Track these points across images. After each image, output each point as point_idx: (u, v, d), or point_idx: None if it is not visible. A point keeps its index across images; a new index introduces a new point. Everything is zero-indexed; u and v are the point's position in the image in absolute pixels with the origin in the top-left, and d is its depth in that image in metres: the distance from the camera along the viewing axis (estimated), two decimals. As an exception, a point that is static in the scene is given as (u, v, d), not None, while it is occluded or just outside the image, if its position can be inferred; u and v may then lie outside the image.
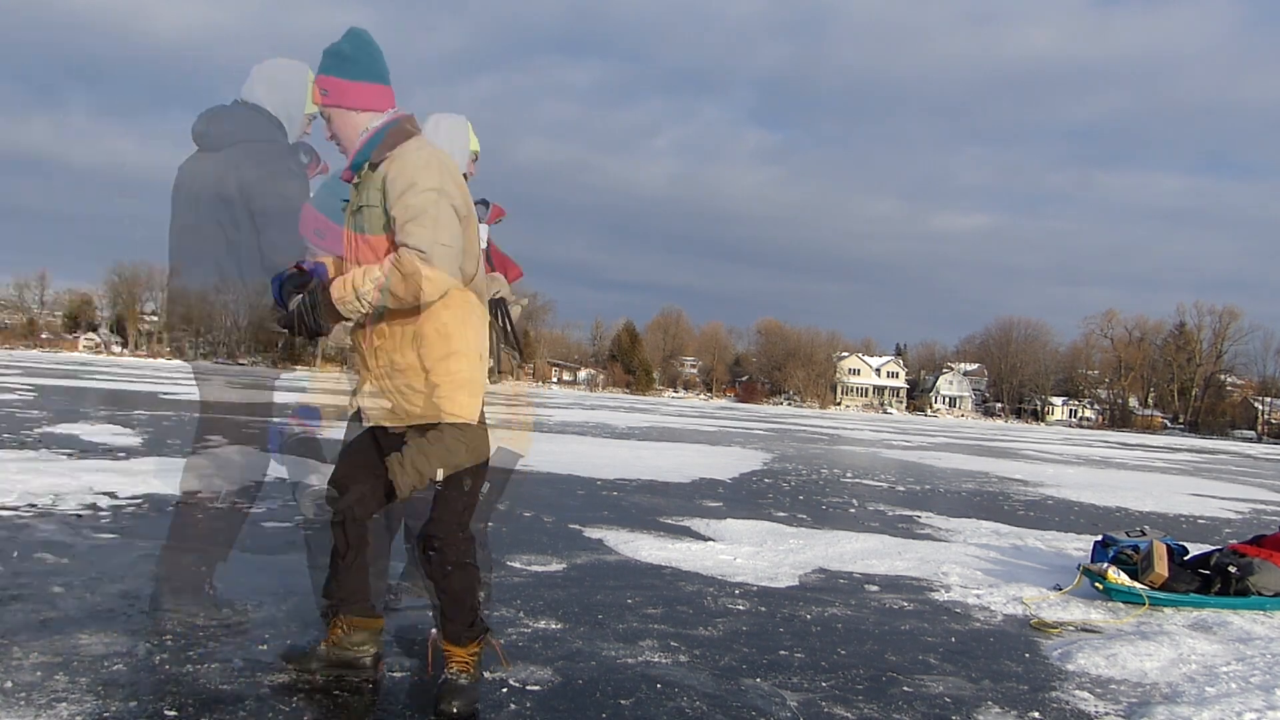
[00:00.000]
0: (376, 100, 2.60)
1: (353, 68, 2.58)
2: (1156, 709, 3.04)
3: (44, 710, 2.35)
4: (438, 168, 2.50)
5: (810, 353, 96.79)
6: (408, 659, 2.97)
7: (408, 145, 2.55)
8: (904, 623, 4.03)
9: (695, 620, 3.76)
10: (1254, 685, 3.34)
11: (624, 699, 2.78)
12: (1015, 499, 10.09)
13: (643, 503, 7.23)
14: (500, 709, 2.61)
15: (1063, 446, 29.69)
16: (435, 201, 2.45)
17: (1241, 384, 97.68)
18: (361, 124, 2.59)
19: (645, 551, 5.14)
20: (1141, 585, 4.58)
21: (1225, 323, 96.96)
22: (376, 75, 2.61)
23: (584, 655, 3.17)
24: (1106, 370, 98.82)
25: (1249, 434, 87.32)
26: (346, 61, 2.58)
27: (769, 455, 14.10)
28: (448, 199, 2.48)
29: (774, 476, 10.57)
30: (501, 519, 5.93)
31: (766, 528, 6.35)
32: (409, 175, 2.47)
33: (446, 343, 2.55)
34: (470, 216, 2.57)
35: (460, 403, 2.56)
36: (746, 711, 2.77)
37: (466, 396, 2.57)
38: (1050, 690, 3.21)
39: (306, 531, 4.95)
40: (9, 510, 4.95)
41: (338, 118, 2.61)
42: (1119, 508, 9.92)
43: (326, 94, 2.60)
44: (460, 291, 2.55)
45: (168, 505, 5.52)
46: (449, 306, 2.54)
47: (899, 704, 2.95)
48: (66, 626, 3.02)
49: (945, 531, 6.90)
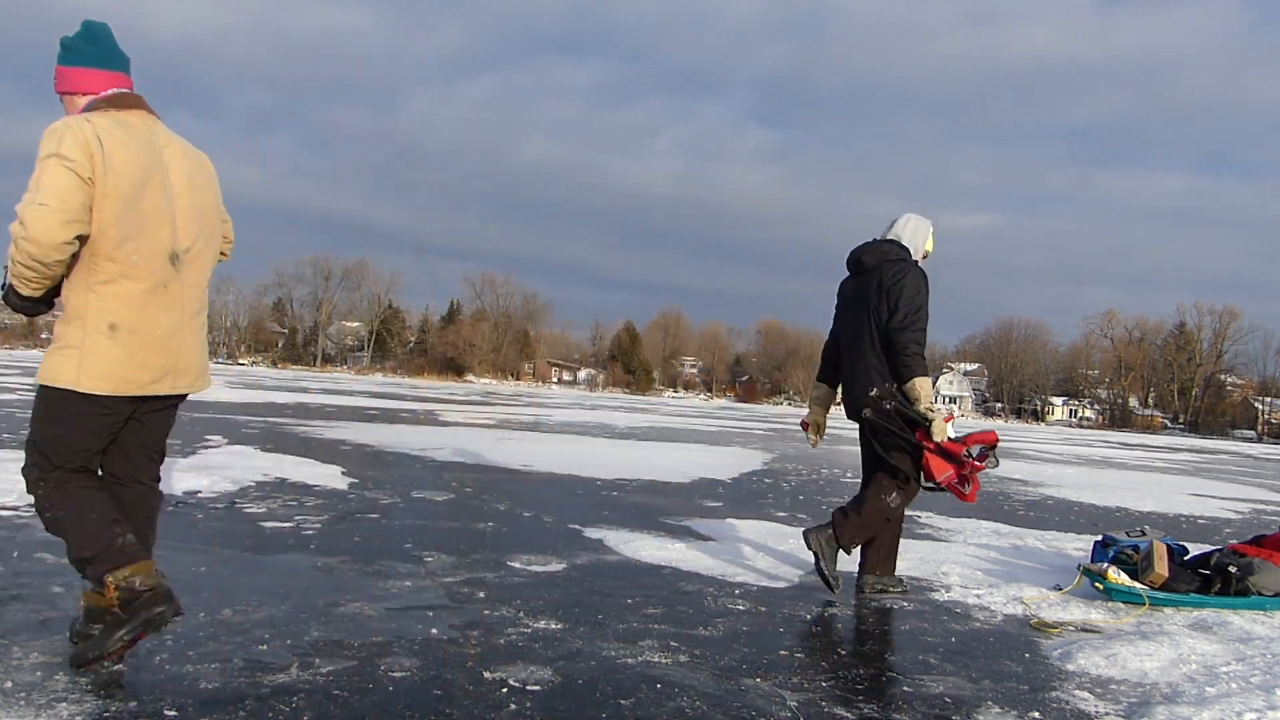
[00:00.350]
0: (95, 84, 2.75)
1: (71, 55, 2.76)
2: (1156, 709, 3.04)
3: (44, 710, 2.35)
4: (58, 134, 2.56)
5: (810, 353, 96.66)
6: (407, 659, 2.97)
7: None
8: (904, 623, 4.04)
9: (695, 620, 3.76)
10: (1254, 685, 3.34)
11: (624, 699, 2.78)
12: (1015, 499, 10.09)
13: (643, 503, 7.23)
14: (500, 709, 2.61)
15: (1063, 446, 29.69)
16: (42, 166, 2.54)
17: (1241, 384, 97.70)
18: (80, 106, 2.74)
19: (645, 551, 5.14)
20: (1141, 585, 4.58)
21: (1225, 323, 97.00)
22: (97, 61, 2.76)
23: (584, 655, 3.17)
24: (1106, 370, 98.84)
25: (1249, 434, 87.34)
26: (67, 51, 2.76)
27: (769, 455, 14.09)
28: (60, 160, 2.52)
29: (774, 476, 10.57)
30: (501, 519, 5.94)
31: (766, 528, 6.35)
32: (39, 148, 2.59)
33: (65, 306, 2.67)
34: (118, 176, 2.60)
35: (48, 365, 2.66)
36: (746, 711, 2.77)
37: (57, 360, 2.65)
38: (1050, 690, 3.22)
39: (307, 531, 4.96)
40: (9, 510, 4.96)
41: (65, 101, 2.80)
42: (1119, 508, 9.92)
43: (55, 82, 2.79)
44: (87, 252, 2.62)
45: (167, 505, 5.52)
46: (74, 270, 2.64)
47: (899, 704, 2.95)
48: (66, 626, 3.01)
49: (945, 531, 6.90)
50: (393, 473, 8.02)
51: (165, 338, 2.73)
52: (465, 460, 9.68)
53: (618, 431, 17.61)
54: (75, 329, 2.64)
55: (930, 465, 4.18)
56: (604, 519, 6.22)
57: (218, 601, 3.48)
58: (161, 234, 2.70)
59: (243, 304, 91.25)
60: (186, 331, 2.82)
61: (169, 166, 2.76)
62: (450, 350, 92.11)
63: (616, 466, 9.93)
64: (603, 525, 5.93)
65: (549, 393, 62.68)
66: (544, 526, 5.78)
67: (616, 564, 4.81)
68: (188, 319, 2.82)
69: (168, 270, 2.73)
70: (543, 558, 4.74)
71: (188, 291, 2.81)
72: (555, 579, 4.31)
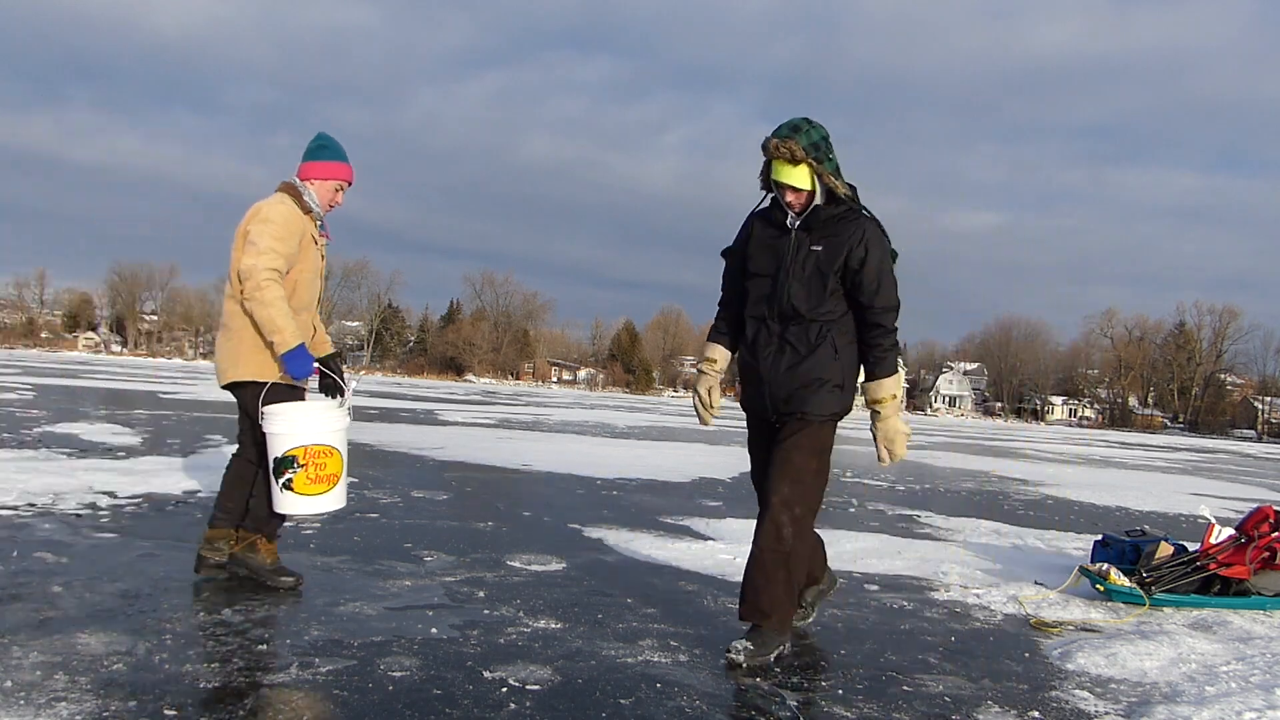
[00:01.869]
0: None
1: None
2: (1156, 708, 3.04)
3: (44, 710, 2.35)
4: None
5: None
6: (407, 659, 2.97)
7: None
8: (904, 622, 4.03)
9: (695, 620, 3.76)
10: (1254, 685, 3.34)
11: (624, 699, 2.78)
12: (1015, 498, 10.09)
13: (643, 502, 7.23)
14: (500, 709, 2.61)
15: (1063, 446, 29.70)
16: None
17: (1241, 383, 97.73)
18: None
19: (645, 551, 5.14)
20: (1143, 577, 4.57)
21: (1225, 322, 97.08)
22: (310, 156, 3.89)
23: (584, 655, 3.17)
24: (1106, 370, 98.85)
25: (1249, 433, 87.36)
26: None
27: (769, 455, 14.07)
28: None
29: (774, 476, 10.55)
30: (502, 519, 5.93)
31: (766, 527, 6.34)
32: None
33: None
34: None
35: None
36: (746, 711, 2.77)
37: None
38: (1050, 690, 3.22)
39: (306, 531, 4.95)
40: (9, 509, 4.95)
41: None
42: (1119, 507, 9.92)
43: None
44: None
45: (168, 505, 5.52)
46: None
47: (899, 703, 2.95)
48: (66, 626, 3.02)
49: (945, 531, 6.90)
50: (392, 472, 8.02)
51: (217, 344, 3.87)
52: (465, 460, 9.68)
53: (618, 431, 17.61)
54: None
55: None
56: (604, 519, 6.22)
57: (218, 601, 3.48)
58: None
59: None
60: (218, 338, 3.84)
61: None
62: (450, 350, 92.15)
63: (616, 466, 9.92)
64: (603, 525, 5.93)
65: (549, 392, 62.67)
66: (544, 526, 5.78)
67: (616, 564, 4.81)
68: (220, 329, 3.82)
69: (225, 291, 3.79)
70: (543, 557, 4.74)
71: (224, 306, 3.80)
72: (555, 579, 4.31)
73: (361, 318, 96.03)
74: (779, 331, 3.30)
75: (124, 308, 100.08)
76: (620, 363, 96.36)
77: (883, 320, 3.29)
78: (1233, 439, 76.55)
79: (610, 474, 9.05)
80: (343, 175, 3.87)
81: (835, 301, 3.26)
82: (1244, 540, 4.77)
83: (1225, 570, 4.67)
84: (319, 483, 3.65)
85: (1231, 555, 4.71)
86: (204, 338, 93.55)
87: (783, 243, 3.30)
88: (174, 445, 9.01)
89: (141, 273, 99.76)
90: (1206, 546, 4.79)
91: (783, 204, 3.28)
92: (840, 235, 3.22)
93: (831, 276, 3.22)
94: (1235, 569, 4.65)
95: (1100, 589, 4.63)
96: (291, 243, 3.65)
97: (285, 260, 3.61)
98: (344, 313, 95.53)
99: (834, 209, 3.25)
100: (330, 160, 3.84)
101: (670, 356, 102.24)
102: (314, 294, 3.91)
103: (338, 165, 3.85)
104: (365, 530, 5.18)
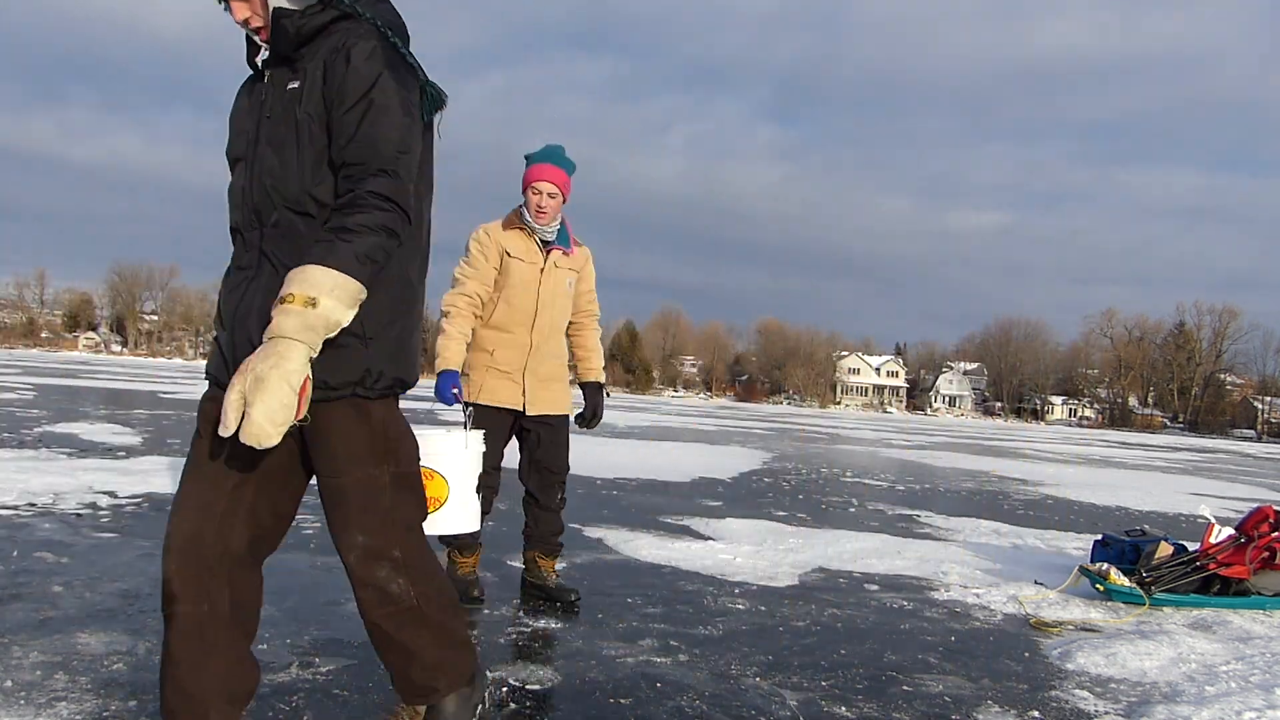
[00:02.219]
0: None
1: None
2: (1156, 708, 3.04)
3: (44, 710, 2.35)
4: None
5: (810, 352, 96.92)
6: (408, 658, 2.97)
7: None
8: (904, 622, 4.03)
9: (695, 620, 3.76)
10: (1254, 684, 3.34)
11: (624, 699, 2.78)
12: (1015, 498, 10.09)
13: (643, 502, 7.23)
14: (500, 708, 2.61)
15: (1063, 446, 29.70)
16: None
17: (1241, 383, 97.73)
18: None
19: (645, 551, 5.15)
20: (1143, 576, 4.57)
21: (1225, 322, 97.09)
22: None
23: (584, 655, 3.17)
24: (1106, 369, 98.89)
25: (1249, 433, 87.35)
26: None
27: (769, 454, 14.10)
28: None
29: (774, 476, 10.57)
30: (502, 519, 5.93)
31: (766, 527, 6.35)
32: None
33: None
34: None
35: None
36: (746, 711, 2.77)
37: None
38: (1050, 689, 3.22)
39: (307, 531, 4.95)
40: (9, 509, 4.96)
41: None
42: (1119, 507, 9.92)
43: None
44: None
45: (167, 505, 5.52)
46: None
47: (899, 703, 2.95)
48: (66, 626, 3.02)
49: (945, 531, 6.90)
50: (393, 472, 8.01)
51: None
52: (465, 460, 9.67)
53: (618, 431, 17.60)
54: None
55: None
56: (604, 518, 6.22)
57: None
58: None
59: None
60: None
61: None
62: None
63: (616, 466, 9.92)
64: (603, 525, 5.93)
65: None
66: (544, 526, 5.77)
67: (616, 563, 4.81)
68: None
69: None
70: (543, 557, 4.73)
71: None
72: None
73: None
74: (256, 243, 2.03)
75: (124, 308, 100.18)
76: (620, 363, 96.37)
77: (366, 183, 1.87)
78: (1232, 439, 76.55)
79: (610, 474, 9.05)
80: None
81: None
82: (1244, 540, 4.77)
83: (1225, 570, 4.67)
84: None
85: (1231, 555, 4.71)
86: (203, 338, 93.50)
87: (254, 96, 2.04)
88: (174, 445, 9.01)
89: (141, 273, 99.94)
90: (1206, 546, 4.79)
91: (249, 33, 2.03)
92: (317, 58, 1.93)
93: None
94: (1235, 569, 4.66)
95: (1100, 589, 4.63)
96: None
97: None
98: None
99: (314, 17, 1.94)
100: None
101: (670, 356, 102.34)
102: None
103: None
104: (365, 530, 5.17)
